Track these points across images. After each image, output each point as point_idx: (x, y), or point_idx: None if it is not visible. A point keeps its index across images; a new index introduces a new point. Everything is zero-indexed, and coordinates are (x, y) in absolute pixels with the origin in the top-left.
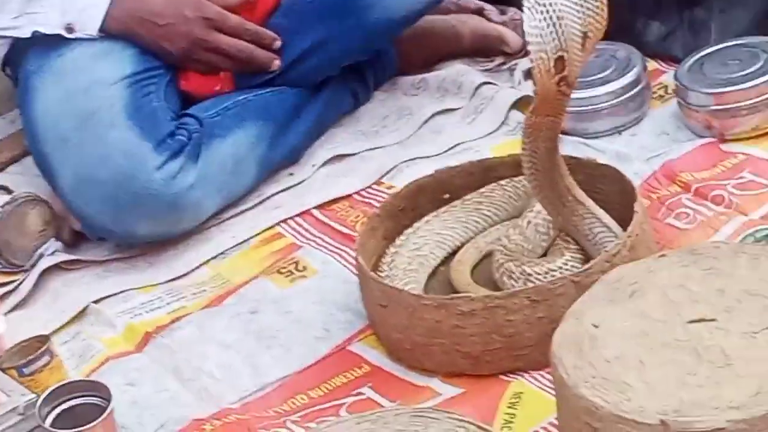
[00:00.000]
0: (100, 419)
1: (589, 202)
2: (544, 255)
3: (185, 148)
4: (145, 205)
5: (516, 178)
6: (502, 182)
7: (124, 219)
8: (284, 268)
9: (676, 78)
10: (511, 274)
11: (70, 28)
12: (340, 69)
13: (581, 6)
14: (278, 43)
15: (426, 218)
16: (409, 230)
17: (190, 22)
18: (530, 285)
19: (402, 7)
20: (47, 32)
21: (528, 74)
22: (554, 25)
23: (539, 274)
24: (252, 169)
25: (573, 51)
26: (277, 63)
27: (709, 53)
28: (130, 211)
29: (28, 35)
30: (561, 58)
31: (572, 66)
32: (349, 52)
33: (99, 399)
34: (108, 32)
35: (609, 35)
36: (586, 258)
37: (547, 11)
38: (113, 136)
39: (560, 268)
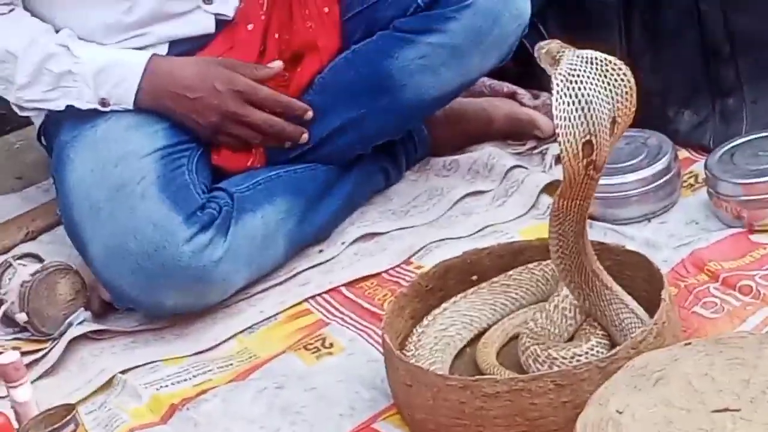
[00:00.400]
0: None
1: (617, 288)
2: (571, 339)
3: (215, 221)
4: (174, 277)
5: (544, 262)
6: (530, 266)
7: (153, 290)
8: (311, 344)
9: (706, 167)
10: (537, 358)
11: (104, 102)
12: (372, 148)
13: (610, 92)
14: (310, 114)
15: (453, 299)
16: (437, 311)
17: (221, 95)
18: (555, 369)
19: (435, 88)
20: (81, 107)
21: (559, 159)
22: (582, 109)
23: (565, 358)
24: (281, 244)
25: (601, 136)
26: (305, 136)
27: (740, 143)
28: (158, 282)
29: (62, 108)
30: (589, 142)
31: (600, 150)
32: (382, 130)
33: None
34: (141, 106)
35: (640, 123)
36: (613, 343)
37: (576, 95)
38: (144, 208)
39: (586, 353)
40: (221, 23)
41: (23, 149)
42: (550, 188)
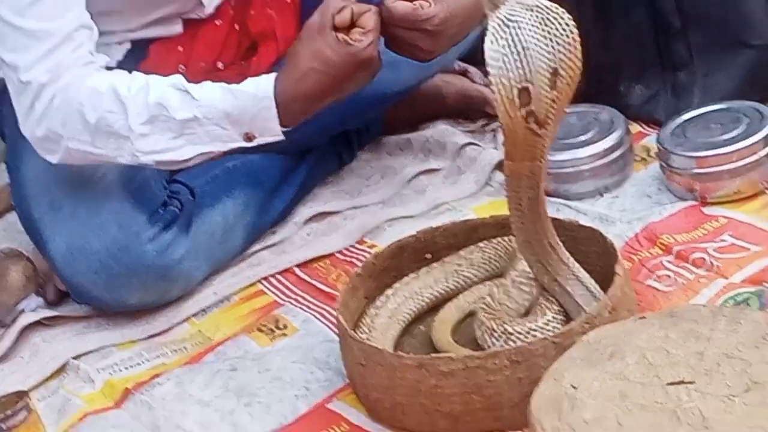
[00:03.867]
0: None
1: (572, 263)
2: (527, 313)
3: (177, 219)
4: (137, 276)
5: (495, 240)
6: (481, 244)
7: (115, 289)
8: (265, 325)
9: (658, 141)
10: (493, 333)
11: (249, 137)
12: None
13: (550, 39)
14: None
15: (405, 279)
16: (389, 291)
17: (357, 72)
18: (511, 344)
19: (397, 83)
20: (222, 149)
21: None
22: (519, 53)
23: (520, 333)
24: (240, 236)
25: (540, 85)
26: None
27: (691, 117)
28: (121, 281)
29: (190, 156)
30: (526, 89)
31: (540, 101)
32: (341, 122)
33: None
34: (291, 127)
35: (592, 98)
36: (568, 318)
37: (511, 37)
38: (108, 207)
39: (542, 328)
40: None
41: None
42: (502, 165)
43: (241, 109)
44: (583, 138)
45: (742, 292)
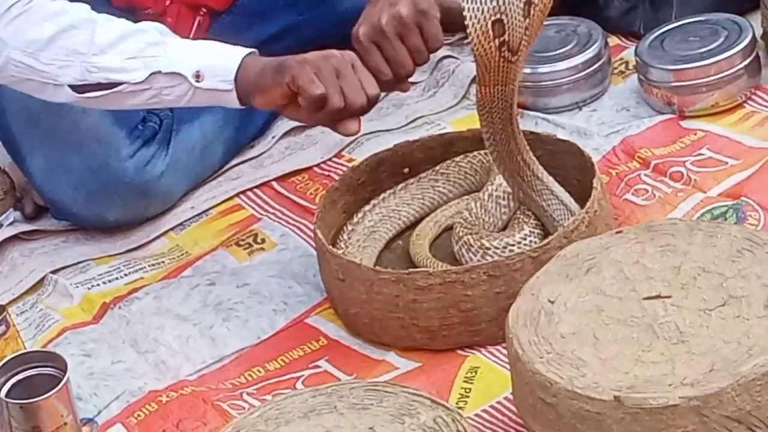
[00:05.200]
0: (55, 390)
1: (547, 178)
2: (505, 228)
3: (156, 135)
4: (117, 192)
5: (471, 154)
6: (457, 159)
7: (95, 205)
8: (243, 240)
9: (636, 54)
10: (470, 248)
11: (198, 75)
12: None
13: None
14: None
15: (382, 195)
16: (366, 207)
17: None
18: (488, 259)
19: None
20: (166, 70)
21: None
22: None
23: (497, 248)
24: (219, 152)
25: (514, 15)
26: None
27: (669, 29)
28: (101, 198)
29: (140, 80)
30: (500, 20)
31: (514, 31)
32: (320, 37)
33: (55, 370)
34: (242, 77)
35: (571, 10)
36: (546, 232)
37: None
38: (86, 122)
39: (519, 242)
40: None
41: None
42: None
43: (208, 45)
44: (561, 51)
45: (719, 206)
